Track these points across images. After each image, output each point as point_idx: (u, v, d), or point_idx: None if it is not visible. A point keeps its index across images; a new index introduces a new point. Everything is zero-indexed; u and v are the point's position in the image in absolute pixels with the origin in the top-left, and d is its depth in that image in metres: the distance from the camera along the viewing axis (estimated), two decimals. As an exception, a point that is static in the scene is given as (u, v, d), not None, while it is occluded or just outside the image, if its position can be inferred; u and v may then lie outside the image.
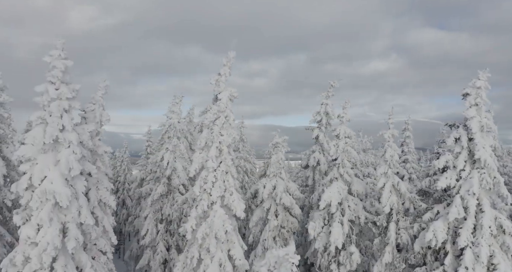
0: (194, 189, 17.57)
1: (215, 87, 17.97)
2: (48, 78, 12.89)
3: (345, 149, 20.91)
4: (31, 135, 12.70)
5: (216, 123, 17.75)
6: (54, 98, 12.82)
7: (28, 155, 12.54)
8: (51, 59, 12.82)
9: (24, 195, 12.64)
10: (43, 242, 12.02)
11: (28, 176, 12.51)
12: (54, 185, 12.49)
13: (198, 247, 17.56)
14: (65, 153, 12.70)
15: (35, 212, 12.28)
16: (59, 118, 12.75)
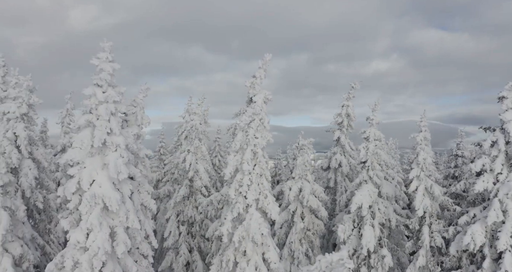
0: (229, 192, 17.47)
1: (250, 89, 17.89)
2: (95, 81, 12.79)
3: (375, 151, 20.83)
4: (78, 139, 12.59)
5: (251, 125, 17.66)
6: (101, 101, 12.72)
7: (76, 159, 12.43)
8: (98, 61, 12.72)
9: (72, 199, 12.52)
10: (93, 247, 11.91)
11: (76, 179, 12.40)
12: (103, 189, 12.39)
13: (234, 250, 17.48)
14: (113, 156, 12.60)
15: (85, 216, 12.16)
16: (107, 122, 12.65)
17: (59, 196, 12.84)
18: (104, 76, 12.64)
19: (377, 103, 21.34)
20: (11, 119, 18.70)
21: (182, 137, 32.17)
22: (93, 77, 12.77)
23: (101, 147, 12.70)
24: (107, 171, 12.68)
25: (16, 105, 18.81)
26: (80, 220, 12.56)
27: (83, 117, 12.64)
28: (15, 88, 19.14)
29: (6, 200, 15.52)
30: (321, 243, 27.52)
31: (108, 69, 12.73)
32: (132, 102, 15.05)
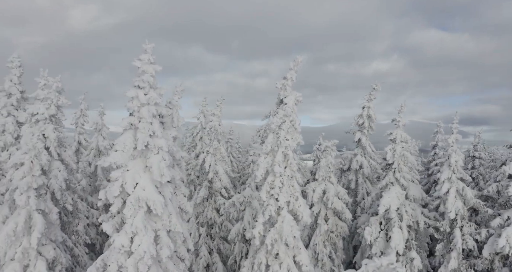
0: (260, 194, 17.36)
1: (281, 91, 17.78)
2: (137, 83, 12.67)
3: (402, 153, 20.73)
4: (121, 141, 12.48)
5: (282, 127, 17.57)
6: (143, 103, 12.61)
7: (119, 162, 12.32)
8: (141, 63, 12.61)
9: (114, 202, 12.42)
10: (139, 251, 11.80)
11: (119, 183, 12.29)
12: (147, 192, 12.29)
13: (265, 253, 17.38)
14: (155, 159, 12.49)
15: (129, 220, 12.05)
16: (149, 124, 12.54)
17: (100, 199, 12.73)
18: (147, 78, 12.53)
19: (403, 104, 21.25)
20: (40, 121, 18.61)
21: (197, 138, 32.12)
22: (135, 79, 12.66)
23: (143, 149, 12.59)
24: (150, 174, 12.58)
25: (44, 107, 18.72)
26: (123, 223, 12.45)
27: (125, 120, 12.52)
28: (43, 89, 19.05)
29: (40, 203, 15.42)
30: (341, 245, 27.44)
31: (151, 71, 12.62)
32: (168, 104, 14.95)
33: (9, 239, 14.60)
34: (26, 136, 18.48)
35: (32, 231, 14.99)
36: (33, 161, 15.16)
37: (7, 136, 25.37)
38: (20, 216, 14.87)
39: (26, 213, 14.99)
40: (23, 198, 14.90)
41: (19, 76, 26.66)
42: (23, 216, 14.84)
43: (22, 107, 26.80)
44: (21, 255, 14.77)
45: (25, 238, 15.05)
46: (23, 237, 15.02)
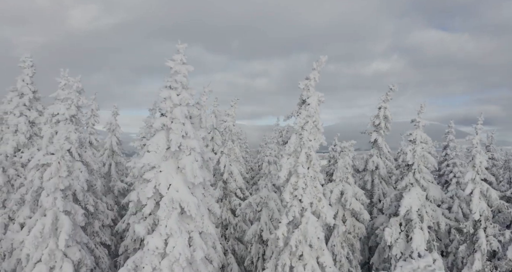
0: (284, 195, 17.29)
1: (304, 91, 17.69)
2: (169, 83, 12.59)
3: (422, 154, 20.65)
4: (154, 142, 12.39)
5: (305, 128, 17.49)
6: (176, 104, 12.53)
7: (153, 163, 12.22)
8: (173, 64, 12.52)
9: (147, 203, 12.32)
10: (174, 253, 11.71)
11: (153, 184, 12.20)
12: (180, 194, 12.20)
13: (289, 254, 17.29)
14: (188, 160, 12.40)
15: (163, 222, 11.95)
16: (182, 125, 12.45)
17: (131, 201, 12.63)
18: (180, 78, 12.44)
19: (423, 105, 21.16)
20: (61, 121, 18.52)
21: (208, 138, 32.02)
22: (167, 79, 12.57)
23: (175, 150, 12.49)
24: (182, 175, 12.50)
25: (65, 107, 18.63)
26: (156, 225, 12.35)
27: (158, 120, 12.43)
28: (64, 90, 18.95)
29: (67, 204, 15.31)
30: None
31: (184, 71, 12.53)
32: (196, 105, 14.85)
33: (36, 241, 14.51)
34: (47, 136, 18.41)
35: (59, 233, 14.90)
36: (60, 162, 15.04)
37: (20, 136, 25.27)
38: (47, 217, 14.77)
39: (52, 214, 14.89)
40: (49, 199, 14.80)
41: (31, 76, 26.57)
42: (50, 217, 14.74)
43: (34, 107, 26.72)
44: (48, 257, 14.67)
45: (51, 239, 14.95)
46: (49, 239, 14.93)
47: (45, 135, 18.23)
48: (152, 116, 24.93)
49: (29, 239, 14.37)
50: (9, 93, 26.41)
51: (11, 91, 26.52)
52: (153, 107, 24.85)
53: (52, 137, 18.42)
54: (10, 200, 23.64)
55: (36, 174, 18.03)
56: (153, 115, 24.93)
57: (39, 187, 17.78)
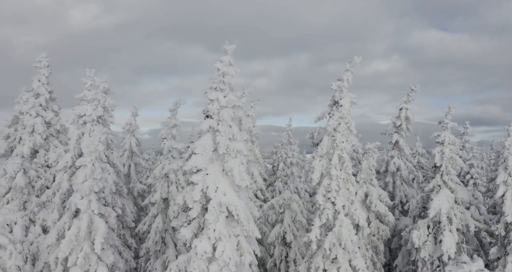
0: (317, 198, 17.09)
1: (336, 92, 17.50)
2: (215, 85, 12.34)
3: (450, 156, 20.51)
4: (201, 144, 12.15)
5: (337, 129, 17.30)
6: (223, 106, 12.30)
7: (200, 166, 11.98)
8: (221, 65, 12.29)
9: (194, 207, 12.07)
10: (224, 257, 11.47)
11: (200, 187, 11.95)
12: (228, 197, 11.97)
13: (322, 257, 17.10)
14: (234, 163, 12.18)
15: (211, 225, 11.71)
16: (229, 127, 12.22)
17: (177, 204, 12.37)
18: (227, 80, 12.22)
19: (451, 106, 20.99)
20: (88, 122, 18.24)
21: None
22: (214, 81, 12.33)
23: (223, 153, 12.26)
24: (228, 178, 12.27)
25: (92, 108, 18.34)
26: (202, 228, 12.11)
27: (205, 123, 12.18)
28: (90, 90, 18.66)
29: (101, 207, 15.04)
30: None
31: (232, 72, 12.30)
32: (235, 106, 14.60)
33: (71, 244, 14.23)
34: (74, 138, 18.13)
35: (94, 236, 14.62)
36: (94, 164, 14.76)
37: (37, 137, 24.92)
38: (82, 220, 14.49)
39: (87, 217, 14.62)
40: (84, 202, 14.53)
41: (47, 76, 26.21)
42: (85, 220, 14.47)
43: (50, 108, 26.38)
44: (83, 260, 14.41)
45: (86, 243, 14.68)
46: (84, 242, 14.65)
47: (72, 137, 17.96)
48: (172, 117, 24.65)
49: (64, 243, 14.08)
50: (24, 94, 26.04)
51: (27, 92, 26.15)
52: (174, 107, 24.57)
53: (79, 138, 18.15)
54: (30, 202, 23.34)
55: (64, 176, 17.78)
56: (173, 116, 24.65)
57: (68, 189, 17.54)
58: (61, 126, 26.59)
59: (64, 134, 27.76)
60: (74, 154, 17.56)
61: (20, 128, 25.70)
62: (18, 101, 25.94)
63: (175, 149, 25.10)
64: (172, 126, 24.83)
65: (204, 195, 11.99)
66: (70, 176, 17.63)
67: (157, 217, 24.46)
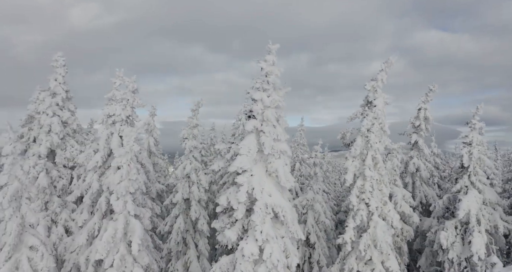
0: (350, 199, 16.94)
1: (370, 93, 17.35)
2: (259, 85, 12.16)
3: (479, 157, 20.37)
4: (245, 145, 11.97)
5: (371, 130, 17.16)
6: (267, 106, 12.12)
7: (246, 166, 11.80)
8: (266, 65, 12.10)
9: (238, 208, 11.89)
10: (272, 260, 11.30)
11: (245, 188, 11.77)
12: (273, 198, 11.80)
13: (355, 259, 16.95)
14: (279, 164, 12.01)
15: (258, 227, 11.53)
16: (273, 127, 12.05)
17: (220, 205, 12.21)
18: (272, 79, 12.03)
19: (479, 107, 20.84)
20: (117, 122, 18.04)
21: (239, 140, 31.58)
22: (258, 81, 12.16)
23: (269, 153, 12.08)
24: (272, 179, 12.10)
25: (120, 107, 18.15)
26: (246, 230, 11.94)
27: (250, 123, 12.00)
28: (119, 90, 18.46)
29: (136, 208, 14.85)
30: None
31: (276, 72, 12.12)
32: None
33: (108, 246, 14.03)
34: (103, 138, 17.93)
35: (130, 237, 14.43)
36: (130, 164, 14.57)
37: (54, 136, 24.76)
38: (118, 222, 14.29)
39: (123, 218, 14.42)
40: (120, 203, 14.32)
41: (63, 75, 26.02)
42: (121, 222, 14.27)
43: (67, 107, 26.19)
44: (119, 262, 14.21)
45: (122, 244, 14.49)
46: (120, 243, 14.45)
47: (101, 137, 17.76)
48: (194, 117, 24.48)
49: (101, 244, 13.88)
50: (40, 93, 25.86)
51: (42, 91, 25.97)
52: (195, 107, 24.40)
53: (108, 138, 17.96)
54: (52, 203, 23.14)
55: (94, 176, 17.59)
56: (195, 116, 24.47)
57: (97, 190, 17.34)
58: (78, 126, 26.46)
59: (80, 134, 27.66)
60: (104, 154, 17.36)
61: (35, 127, 25.51)
62: (33, 100, 25.75)
63: (197, 150, 24.96)
64: (193, 126, 24.68)
65: (249, 196, 11.80)
66: (100, 176, 17.44)
67: (178, 218, 24.33)
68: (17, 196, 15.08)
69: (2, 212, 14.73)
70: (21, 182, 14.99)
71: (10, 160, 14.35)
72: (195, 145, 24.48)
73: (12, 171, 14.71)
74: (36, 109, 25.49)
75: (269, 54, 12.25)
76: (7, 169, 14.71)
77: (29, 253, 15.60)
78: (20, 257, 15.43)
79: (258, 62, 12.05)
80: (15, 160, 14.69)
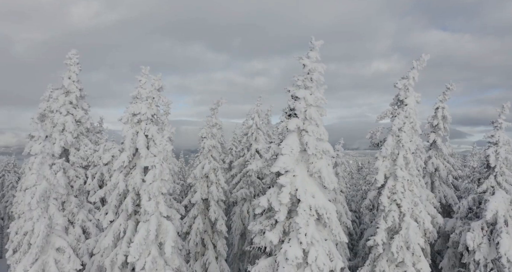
0: (381, 200, 16.61)
1: (401, 91, 17.03)
2: (300, 82, 11.82)
3: (505, 156, 20.07)
4: (288, 145, 11.63)
5: (403, 129, 16.84)
6: (309, 104, 11.77)
7: (288, 167, 11.46)
8: (309, 61, 11.75)
9: (280, 209, 11.55)
10: (318, 263, 10.97)
11: (288, 189, 11.43)
12: (317, 200, 11.46)
13: (386, 261, 16.64)
14: (322, 164, 11.68)
15: (302, 230, 11.19)
16: (316, 126, 11.71)
17: (260, 206, 11.87)
18: (315, 77, 11.69)
19: (505, 106, 20.51)
20: (142, 121, 17.67)
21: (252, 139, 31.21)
22: (298, 78, 11.81)
23: (308, 154, 11.75)
24: (314, 179, 11.76)
25: (146, 106, 17.77)
26: (287, 232, 11.60)
27: (292, 122, 11.65)
28: (144, 88, 18.08)
29: (168, 209, 14.49)
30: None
31: (320, 69, 11.78)
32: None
33: (140, 248, 13.67)
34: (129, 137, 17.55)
35: (161, 239, 14.07)
36: (163, 164, 14.20)
37: (67, 135, 24.43)
38: (150, 223, 13.92)
39: (155, 219, 14.05)
40: (152, 204, 13.95)
41: (77, 74, 25.66)
42: (153, 223, 13.90)
43: (80, 106, 25.82)
44: (151, 264, 13.84)
45: (153, 246, 14.13)
46: (152, 245, 14.09)
47: (127, 136, 17.36)
48: (213, 116, 24.14)
49: (134, 247, 13.50)
50: (54, 91, 25.48)
51: (56, 89, 25.58)
52: (214, 106, 24.04)
53: (133, 137, 17.59)
54: (69, 203, 22.75)
55: (120, 176, 17.21)
56: (214, 115, 24.13)
57: (124, 190, 16.97)
58: (91, 125, 26.09)
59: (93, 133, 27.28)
60: (129, 153, 16.99)
61: (48, 126, 25.15)
62: (45, 99, 25.37)
63: (215, 149, 24.61)
64: (212, 125, 24.33)
65: (291, 198, 11.47)
66: (125, 175, 17.06)
67: (197, 218, 23.99)
68: (45, 197, 14.74)
69: (30, 213, 14.39)
70: (50, 182, 14.65)
71: (39, 160, 13.97)
72: (214, 144, 24.13)
73: (40, 171, 14.35)
74: (49, 107, 25.11)
75: (312, 50, 11.89)
76: (35, 169, 14.36)
77: (56, 255, 15.27)
78: (47, 259, 15.10)
79: (300, 58, 11.68)
80: (44, 160, 14.33)
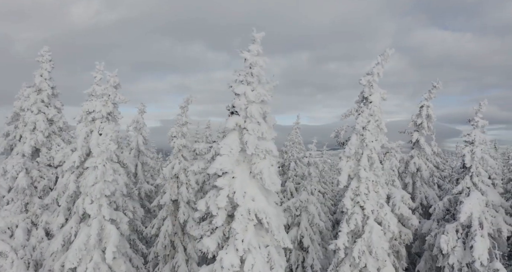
0: (344, 202, 15.85)
1: (366, 88, 16.23)
2: (242, 77, 11.04)
3: (481, 156, 19.25)
4: (226, 144, 10.86)
5: (367, 128, 16.04)
6: (251, 101, 11.00)
7: (227, 168, 10.69)
8: (249, 55, 10.97)
9: (218, 214, 10.78)
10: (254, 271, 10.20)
11: (226, 192, 10.66)
12: (257, 203, 10.69)
13: (349, 266, 15.87)
14: (264, 165, 10.90)
15: (239, 235, 10.43)
16: (257, 125, 10.93)
17: (198, 210, 11.10)
18: (256, 71, 10.91)
19: (482, 104, 19.69)
20: (97, 119, 16.93)
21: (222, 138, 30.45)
22: (241, 73, 11.03)
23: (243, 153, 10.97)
24: (256, 181, 10.99)
25: (101, 103, 17.03)
26: (227, 238, 10.83)
27: (231, 120, 10.88)
28: (99, 85, 17.34)
29: (112, 212, 13.74)
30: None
31: (261, 63, 11.00)
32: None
33: (80, 253, 12.95)
34: (82, 136, 16.82)
35: (105, 244, 13.34)
36: (106, 165, 13.45)
37: (38, 134, 23.73)
38: (91, 227, 13.20)
39: (97, 223, 13.33)
40: (94, 207, 13.24)
41: (49, 71, 24.95)
42: (95, 227, 13.18)
43: (53, 104, 25.13)
44: (92, 270, 13.10)
45: (96, 251, 13.40)
46: (94, 251, 13.36)
47: (80, 135, 16.64)
48: (183, 115, 23.37)
49: (72, 252, 12.79)
50: (26, 89, 24.77)
51: (28, 87, 24.87)
52: (184, 104, 23.28)
53: (87, 136, 16.85)
54: (33, 204, 22.04)
55: (71, 177, 16.48)
56: (184, 113, 23.36)
57: (74, 191, 16.25)
58: (64, 124, 25.37)
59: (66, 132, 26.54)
60: (82, 153, 16.25)
61: (20, 125, 24.46)
62: (18, 97, 24.68)
63: (186, 148, 23.85)
64: (182, 124, 23.54)
65: (230, 201, 10.70)
66: (77, 177, 16.33)
67: (166, 220, 23.21)
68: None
69: (-32, 216, 13.69)
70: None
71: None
72: (184, 143, 23.35)
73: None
74: (21, 106, 24.44)
75: (254, 43, 11.10)
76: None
77: (-3, 260, 14.56)
78: (-12, 264, 14.40)
79: (240, 52, 10.89)
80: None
